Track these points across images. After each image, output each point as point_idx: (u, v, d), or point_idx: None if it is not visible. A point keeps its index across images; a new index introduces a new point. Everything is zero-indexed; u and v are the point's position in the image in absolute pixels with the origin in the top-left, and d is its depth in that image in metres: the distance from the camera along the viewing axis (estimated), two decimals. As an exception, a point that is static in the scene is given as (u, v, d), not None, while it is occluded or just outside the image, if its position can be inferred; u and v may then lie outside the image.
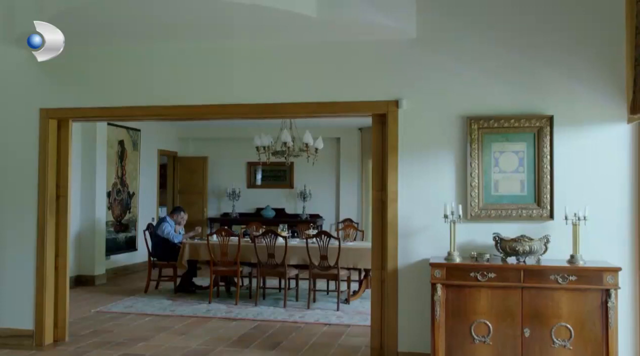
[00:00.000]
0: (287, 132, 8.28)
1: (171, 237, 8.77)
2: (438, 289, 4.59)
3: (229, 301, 8.08)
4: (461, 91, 5.09)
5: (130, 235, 10.90)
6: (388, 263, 5.16)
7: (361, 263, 7.90)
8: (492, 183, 5.03)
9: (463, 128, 5.05)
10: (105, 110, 5.74)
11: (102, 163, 9.72)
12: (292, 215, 12.30)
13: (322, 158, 11.56)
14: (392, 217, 5.16)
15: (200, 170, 12.59)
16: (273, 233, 7.83)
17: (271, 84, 5.45)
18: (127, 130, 10.80)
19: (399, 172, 5.16)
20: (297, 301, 8.13)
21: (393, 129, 5.17)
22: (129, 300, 8.12)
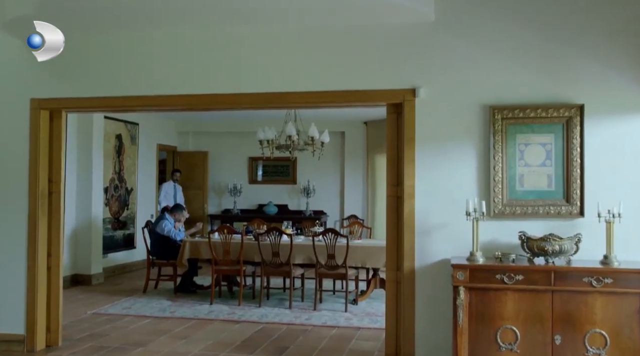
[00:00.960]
0: (292, 124, 7.91)
1: (172, 234, 8.42)
2: (461, 292, 4.23)
3: (232, 302, 7.73)
4: (483, 78, 4.73)
5: (128, 232, 10.55)
6: (404, 263, 4.80)
7: (370, 262, 7.56)
8: (516, 178, 4.67)
9: (485, 119, 4.69)
10: (102, 100, 5.37)
11: (98, 158, 9.35)
12: (295, 211, 11.95)
13: (326, 152, 11.16)
14: (408, 213, 4.80)
15: (201, 165, 12.24)
16: (278, 230, 7.47)
17: (279, 72, 5.09)
18: (125, 123, 10.43)
19: (416, 165, 4.80)
20: (302, 302, 7.78)
21: (410, 119, 4.81)
22: (126, 301, 7.77)
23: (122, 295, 8.18)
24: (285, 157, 11.15)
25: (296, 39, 5.07)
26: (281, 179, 12.24)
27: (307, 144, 8.19)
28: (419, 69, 4.83)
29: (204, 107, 5.41)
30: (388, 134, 5.02)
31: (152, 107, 5.44)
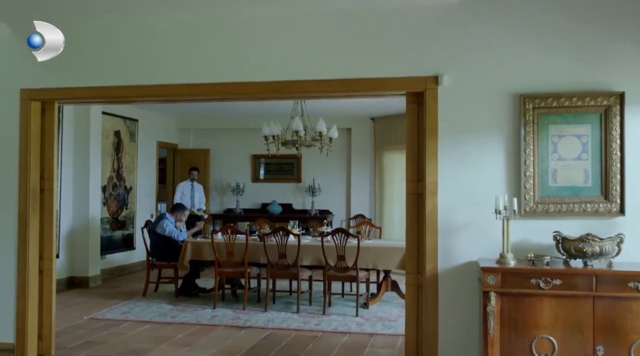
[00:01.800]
0: (299, 119, 7.51)
1: (174, 235, 8.03)
2: (492, 298, 3.84)
3: (236, 306, 7.34)
4: (513, 65, 4.33)
5: (127, 232, 10.16)
6: (426, 265, 4.41)
7: (382, 264, 7.17)
8: (549, 173, 4.28)
9: (515, 108, 4.30)
10: (98, 90, 4.97)
11: (96, 155, 8.96)
12: (300, 210, 11.55)
13: (332, 150, 10.82)
14: (430, 212, 4.41)
15: (202, 163, 11.82)
16: (284, 231, 7.08)
17: (289, 59, 4.70)
18: (124, 119, 10.04)
19: (438, 159, 4.41)
20: (310, 306, 7.39)
21: (432, 110, 4.41)
22: (125, 305, 7.38)
23: (120, 298, 7.79)
24: (290, 155, 10.79)
25: (308, 23, 4.67)
26: (285, 177, 11.84)
27: (314, 140, 7.79)
28: (442, 55, 4.44)
29: (209, 97, 5.01)
30: (408, 126, 4.63)
31: (154, 98, 5.03)
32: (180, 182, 10.67)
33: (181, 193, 10.29)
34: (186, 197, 10.26)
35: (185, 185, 10.42)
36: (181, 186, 10.43)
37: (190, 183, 10.44)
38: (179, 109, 10.84)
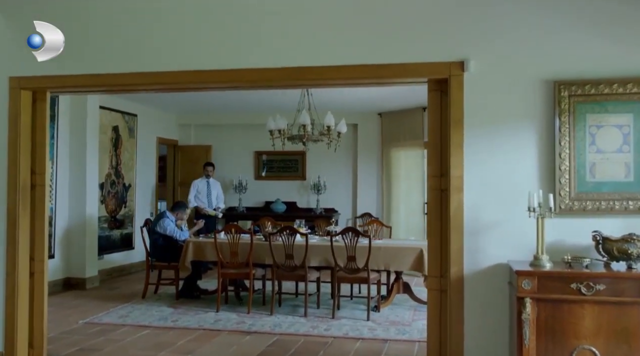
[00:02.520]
0: (307, 113, 7.15)
1: (175, 234, 7.66)
2: (527, 304, 3.47)
3: (240, 309, 6.97)
4: (546, 48, 3.95)
5: (126, 232, 9.79)
6: (451, 268, 4.03)
7: (394, 265, 6.80)
8: (587, 167, 3.90)
9: (549, 96, 3.93)
10: (94, 78, 4.57)
11: (93, 151, 8.58)
12: (305, 209, 11.18)
13: (339, 146, 10.45)
14: (455, 209, 4.03)
15: (203, 160, 11.39)
16: (291, 230, 6.71)
17: (301, 44, 4.31)
18: (122, 114, 9.67)
19: (464, 152, 4.03)
20: (318, 309, 7.02)
21: (457, 98, 4.04)
22: (123, 308, 7.00)
23: (118, 301, 7.41)
24: (294, 151, 10.46)
25: (322, 5, 4.30)
26: (289, 175, 11.46)
27: (322, 134, 7.41)
28: (468, 38, 4.06)
29: (216, 86, 4.58)
30: (430, 116, 4.25)
31: (157, 86, 4.61)
32: (195, 179, 10.01)
33: (196, 191, 9.75)
34: (202, 195, 9.73)
35: (201, 183, 9.85)
36: (196, 183, 9.84)
37: (206, 180, 9.86)
38: (179, 104, 10.47)
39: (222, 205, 10.09)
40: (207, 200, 9.71)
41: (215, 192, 9.93)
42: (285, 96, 8.77)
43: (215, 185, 9.98)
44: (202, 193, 9.75)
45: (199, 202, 9.69)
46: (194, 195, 9.68)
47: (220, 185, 10.23)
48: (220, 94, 9.26)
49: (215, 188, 9.97)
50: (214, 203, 9.82)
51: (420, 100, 9.50)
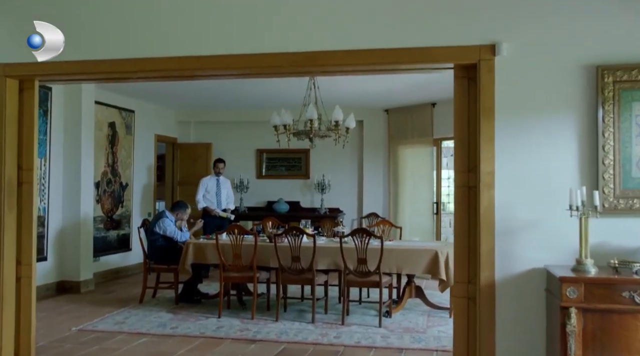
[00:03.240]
0: (313, 107, 6.75)
1: (176, 235, 7.26)
2: (572, 315, 3.09)
3: (243, 315, 6.57)
4: (588, 30, 3.58)
5: (123, 232, 9.38)
6: (481, 273, 3.65)
7: (407, 268, 6.40)
8: (633, 161, 3.52)
9: (590, 83, 3.55)
10: (86, 64, 4.18)
11: (88, 148, 8.17)
12: (309, 209, 10.77)
13: (342, 144, 10.07)
14: (486, 208, 3.64)
15: (203, 159, 11.05)
16: (298, 231, 6.32)
17: (314, 27, 3.93)
18: (119, 110, 9.27)
19: (496, 145, 3.65)
20: (326, 314, 6.63)
21: (488, 85, 3.65)
22: (120, 313, 6.60)
23: (114, 305, 7.01)
24: (298, 149, 10.10)
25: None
26: (293, 173, 11.05)
27: (329, 130, 7.01)
28: (499, 19, 3.68)
29: (221, 72, 4.16)
30: (456, 106, 3.87)
31: (156, 73, 4.19)
32: (204, 177, 9.29)
33: (205, 190, 9.06)
34: (210, 195, 9.04)
35: (210, 181, 9.12)
36: (204, 182, 9.11)
37: (216, 178, 9.15)
38: (178, 100, 10.08)
39: (232, 205, 9.40)
40: (216, 200, 9.03)
41: (225, 192, 9.21)
42: (290, 90, 8.41)
43: (225, 184, 9.26)
44: (211, 192, 9.06)
45: (207, 202, 9.00)
46: (203, 194, 9.02)
47: (231, 184, 9.58)
48: (221, 90, 8.91)
49: (226, 187, 9.25)
50: (223, 204, 9.12)
51: (429, 95, 9.14)
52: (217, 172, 9.15)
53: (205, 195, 9.02)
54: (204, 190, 9.03)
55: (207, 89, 8.86)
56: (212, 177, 9.19)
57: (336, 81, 7.45)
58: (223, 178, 9.26)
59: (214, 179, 9.15)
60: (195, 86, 8.70)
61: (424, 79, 7.95)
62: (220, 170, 9.16)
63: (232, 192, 9.51)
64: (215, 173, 9.16)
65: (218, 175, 9.15)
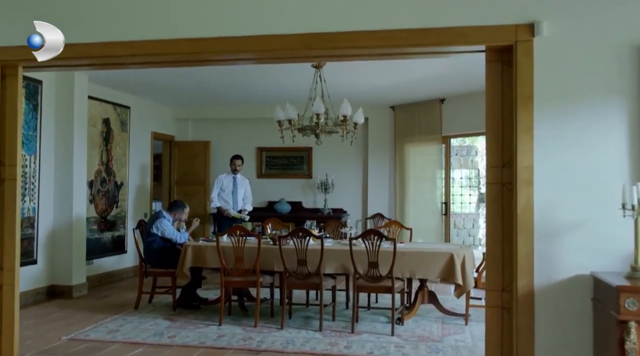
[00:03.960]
0: (320, 101, 6.35)
1: (175, 236, 6.84)
2: (632, 330, 2.70)
3: (246, 322, 6.16)
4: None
5: (118, 234, 8.96)
6: (517, 280, 3.25)
7: (421, 272, 6.00)
8: (691, 154, 3.13)
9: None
10: (76, 48, 3.76)
11: (81, 145, 7.75)
12: (311, 209, 10.37)
13: (346, 142, 9.65)
14: (524, 208, 3.25)
15: (202, 157, 10.65)
16: (304, 232, 5.91)
17: (328, 3, 3.53)
18: (114, 106, 8.85)
19: (535, 136, 3.25)
20: (334, 322, 6.22)
21: (525, 69, 3.26)
22: (114, 321, 6.18)
23: (108, 312, 6.59)
24: (300, 147, 9.79)
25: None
26: (295, 173, 10.63)
27: (336, 125, 6.61)
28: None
29: (220, 57, 3.74)
30: (488, 93, 3.47)
31: (151, 58, 3.77)
32: (220, 175, 8.77)
33: (220, 189, 8.55)
34: (226, 194, 8.53)
35: (226, 179, 8.60)
36: (220, 179, 8.62)
37: (233, 176, 8.62)
38: (176, 97, 9.68)
39: (250, 206, 8.74)
40: (231, 200, 8.50)
41: (243, 191, 8.65)
42: (292, 86, 8.03)
43: (242, 183, 8.71)
44: (226, 191, 8.54)
45: (222, 202, 8.50)
46: (217, 193, 8.52)
47: (249, 183, 8.93)
48: (220, 85, 8.52)
49: (243, 187, 8.68)
50: (239, 204, 8.57)
51: (438, 91, 8.75)
52: (233, 169, 8.63)
53: (220, 194, 8.53)
54: (219, 188, 8.54)
55: (205, 84, 8.47)
56: (228, 175, 8.68)
57: (340, 76, 7.05)
58: (241, 177, 8.75)
59: (230, 177, 8.64)
60: (193, 81, 8.31)
61: (433, 73, 7.57)
62: (237, 167, 8.64)
63: (250, 191, 8.91)
64: (232, 171, 8.64)
65: (235, 173, 8.63)
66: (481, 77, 3.48)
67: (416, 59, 6.65)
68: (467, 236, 14.10)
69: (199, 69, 7.37)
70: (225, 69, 7.44)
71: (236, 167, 8.61)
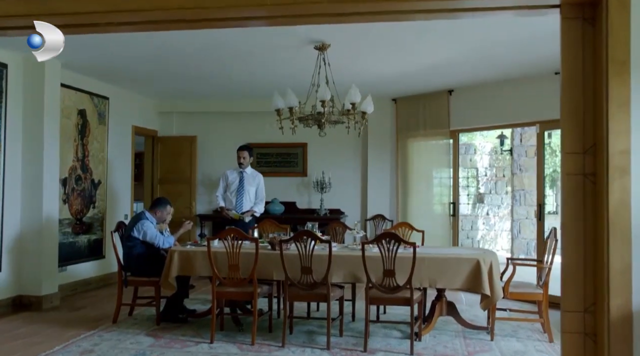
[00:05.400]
0: (326, 86, 5.59)
1: (157, 240, 6.02)
2: None
3: (241, 339, 5.38)
4: None
5: (95, 237, 8.11)
6: (610, 299, 2.52)
7: (442, 281, 5.26)
8: None
9: None
10: (42, 3, 2.98)
11: (53, 138, 6.91)
12: (306, 210, 9.62)
13: (344, 137, 8.89)
14: (618, 204, 2.52)
15: (187, 154, 9.85)
16: (310, 236, 5.14)
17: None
18: (91, 96, 8.01)
19: (632, 113, 2.52)
20: (341, 338, 5.46)
21: (620, 27, 2.53)
22: (88, 338, 5.36)
23: (82, 326, 5.77)
24: (293, 143, 9.12)
25: None
26: (288, 171, 9.85)
27: (343, 114, 5.85)
28: None
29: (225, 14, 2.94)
30: (564, 59, 2.73)
31: (131, 16, 2.94)
32: (227, 170, 7.57)
33: (225, 185, 7.42)
34: (231, 192, 7.38)
35: (231, 175, 7.41)
36: (226, 175, 7.46)
37: (239, 171, 7.39)
38: (159, 88, 8.86)
39: (260, 208, 7.40)
40: (235, 200, 7.35)
41: (253, 190, 7.36)
42: (288, 76, 7.26)
43: (252, 180, 7.39)
44: (231, 189, 7.40)
45: (227, 202, 7.42)
46: (222, 191, 7.45)
47: (263, 180, 7.51)
48: (207, 76, 7.76)
49: (253, 184, 7.36)
50: (245, 205, 7.28)
51: (444, 81, 8.04)
52: (239, 163, 7.35)
53: (225, 192, 7.45)
54: (225, 184, 7.46)
55: (192, 74, 7.70)
56: (234, 170, 7.45)
57: (338, 65, 6.27)
58: (250, 172, 7.45)
59: (236, 173, 7.41)
60: (178, 70, 7.52)
61: (440, 61, 6.87)
62: (242, 160, 7.33)
63: (264, 189, 7.50)
64: (239, 165, 7.38)
65: (241, 168, 7.36)
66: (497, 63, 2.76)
67: (427, 42, 5.98)
68: (465, 238, 13.47)
69: (186, 55, 6.59)
70: (214, 57, 6.68)
71: (241, 160, 7.32)
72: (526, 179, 11.77)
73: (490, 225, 14.10)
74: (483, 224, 14.11)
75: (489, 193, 14.08)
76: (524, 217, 11.84)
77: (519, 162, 11.80)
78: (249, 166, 7.43)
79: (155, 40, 6.00)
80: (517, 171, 11.86)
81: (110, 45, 6.18)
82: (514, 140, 11.93)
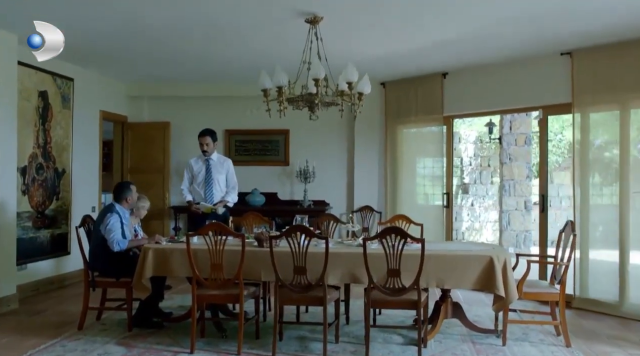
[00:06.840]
0: (319, 64, 4.98)
1: (111, 239, 5.24)
2: None
3: (225, 347, 4.78)
4: None
5: (59, 232, 7.39)
6: None
7: (451, 281, 4.73)
8: None
9: None
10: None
11: (9, 122, 6.17)
12: (288, 201, 9.03)
13: (329, 123, 8.39)
14: None
15: (159, 141, 9.18)
16: (305, 232, 4.54)
17: None
18: (53, 76, 7.26)
19: None
20: (337, 344, 4.90)
21: None
22: (49, 349, 4.70)
23: (43, 334, 5.10)
24: (275, 130, 8.74)
25: None
26: (268, 159, 9.22)
27: (338, 95, 5.24)
28: None
29: None
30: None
31: None
32: (191, 159, 6.92)
33: (190, 176, 6.78)
34: (198, 183, 6.73)
35: (196, 164, 6.78)
36: (189, 165, 6.84)
37: (205, 159, 6.76)
38: (129, 70, 8.14)
39: (233, 197, 6.75)
40: (204, 191, 6.70)
41: (222, 177, 6.74)
42: (270, 56, 6.60)
43: (220, 166, 6.76)
44: (198, 179, 6.75)
45: (194, 194, 6.75)
46: (188, 183, 6.80)
47: (232, 165, 6.91)
48: (181, 56, 7.06)
49: (221, 171, 6.74)
50: (216, 195, 6.66)
51: (438, 64, 7.49)
52: (202, 150, 6.73)
53: (191, 184, 6.80)
54: (190, 175, 6.81)
55: (165, 54, 7.01)
56: (198, 159, 6.82)
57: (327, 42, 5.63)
58: (218, 158, 6.83)
59: (201, 162, 6.78)
60: (147, 51, 6.84)
61: (432, 42, 6.31)
62: (205, 147, 6.70)
63: (235, 176, 6.89)
64: (205, 154, 6.74)
65: (206, 155, 6.73)
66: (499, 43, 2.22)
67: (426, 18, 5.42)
68: (449, 230, 13.07)
69: (155, 30, 5.90)
70: (188, 33, 6.01)
71: (204, 147, 6.70)
72: (516, 169, 11.35)
73: (475, 216, 13.69)
74: (468, 215, 13.71)
75: (473, 184, 13.66)
76: (513, 207, 11.42)
77: (508, 150, 11.36)
78: (214, 152, 6.78)
79: (121, 15, 5.32)
80: (506, 160, 11.41)
81: (71, 19, 5.47)
82: (502, 128, 11.48)
